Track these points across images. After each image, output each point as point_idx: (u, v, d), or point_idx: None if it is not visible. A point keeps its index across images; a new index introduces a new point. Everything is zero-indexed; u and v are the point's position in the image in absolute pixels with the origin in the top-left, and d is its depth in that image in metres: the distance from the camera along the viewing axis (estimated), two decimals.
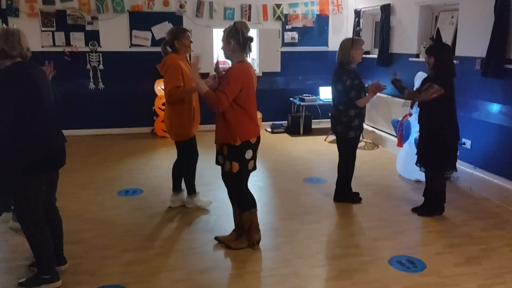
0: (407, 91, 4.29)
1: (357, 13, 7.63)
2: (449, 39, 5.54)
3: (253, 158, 3.46)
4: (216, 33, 7.62)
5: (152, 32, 7.50)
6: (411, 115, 5.22)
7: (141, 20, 7.45)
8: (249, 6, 7.75)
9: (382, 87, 4.34)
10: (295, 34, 8.07)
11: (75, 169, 5.61)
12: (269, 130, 8.03)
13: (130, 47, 7.52)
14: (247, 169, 3.46)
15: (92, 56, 7.44)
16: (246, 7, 7.74)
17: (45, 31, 7.18)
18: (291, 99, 8.10)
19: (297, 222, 4.17)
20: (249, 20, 7.71)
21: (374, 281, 3.17)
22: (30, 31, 6.91)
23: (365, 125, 7.02)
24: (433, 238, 3.86)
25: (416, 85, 5.14)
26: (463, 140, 5.10)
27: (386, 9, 6.76)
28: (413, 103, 4.86)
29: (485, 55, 4.69)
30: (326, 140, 7.36)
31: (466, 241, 3.77)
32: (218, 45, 3.47)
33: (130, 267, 3.35)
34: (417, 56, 6.16)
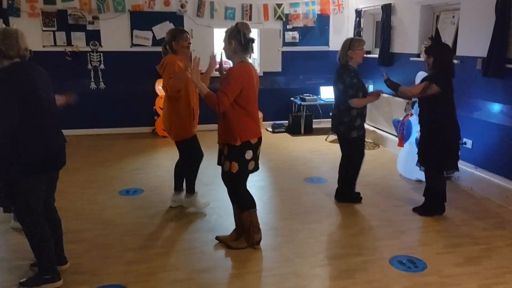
0: (401, 87, 4.29)
1: (358, 13, 7.63)
2: (450, 38, 5.54)
3: (253, 158, 3.45)
4: (217, 33, 7.63)
5: (153, 32, 7.50)
6: (412, 115, 5.22)
7: (142, 20, 7.45)
8: (250, 5, 7.75)
9: (380, 94, 4.45)
10: (296, 34, 8.06)
11: (76, 168, 5.62)
12: (270, 129, 8.03)
13: (131, 47, 7.53)
14: (246, 170, 3.45)
15: (93, 56, 7.45)
16: (247, 7, 7.75)
17: (46, 31, 7.19)
18: (292, 98, 8.10)
19: (298, 221, 4.17)
20: (250, 20, 7.72)
21: (374, 281, 3.17)
22: (31, 31, 6.94)
23: (366, 125, 7.01)
24: (434, 238, 3.86)
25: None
26: (464, 140, 5.11)
27: (387, 9, 6.76)
28: (413, 103, 4.85)
29: (486, 54, 4.69)
30: (327, 139, 7.36)
31: (467, 241, 3.77)
32: (219, 45, 3.47)
33: (131, 266, 3.36)
34: (418, 55, 6.16)
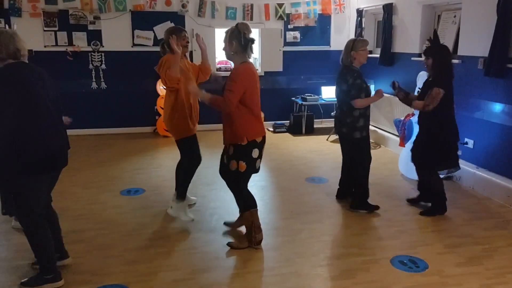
0: (415, 102, 4.18)
1: (359, 13, 7.62)
2: (451, 38, 5.53)
3: (259, 157, 3.50)
4: (218, 32, 7.64)
5: (154, 32, 7.50)
6: (413, 114, 5.21)
7: (143, 20, 7.46)
8: (251, 5, 7.74)
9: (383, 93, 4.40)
10: (297, 34, 8.06)
11: (77, 168, 5.62)
12: (271, 129, 8.02)
13: (132, 46, 7.53)
14: (254, 168, 3.49)
15: (95, 55, 7.45)
16: (248, 7, 7.74)
17: (47, 30, 7.19)
18: (293, 98, 8.10)
19: (299, 221, 4.17)
20: (251, 19, 7.71)
21: (375, 281, 3.17)
22: (32, 31, 6.97)
23: None
24: (435, 238, 3.85)
25: (418, 84, 5.14)
26: (465, 139, 5.10)
27: (388, 9, 6.75)
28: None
29: (487, 54, 4.68)
30: (328, 139, 7.36)
31: (468, 241, 3.77)
32: (220, 44, 3.49)
33: (131, 266, 3.36)
34: (420, 55, 6.14)
